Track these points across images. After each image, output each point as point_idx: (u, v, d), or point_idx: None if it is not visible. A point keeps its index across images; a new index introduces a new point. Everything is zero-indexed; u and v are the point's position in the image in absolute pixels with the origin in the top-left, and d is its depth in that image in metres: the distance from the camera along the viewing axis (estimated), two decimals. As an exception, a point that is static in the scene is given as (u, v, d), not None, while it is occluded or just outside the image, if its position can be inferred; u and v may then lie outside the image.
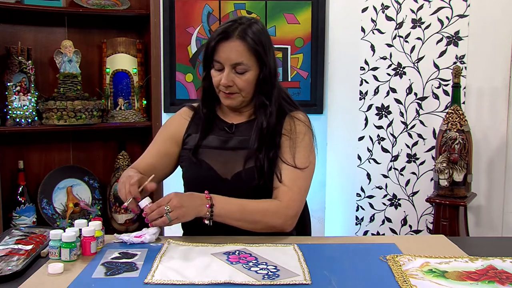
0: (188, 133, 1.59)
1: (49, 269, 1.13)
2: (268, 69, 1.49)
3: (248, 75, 1.47)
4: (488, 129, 2.46)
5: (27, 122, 2.35)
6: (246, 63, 1.45)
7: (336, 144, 2.69)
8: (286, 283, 1.07)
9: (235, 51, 1.45)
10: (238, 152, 1.50)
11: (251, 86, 1.49)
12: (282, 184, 1.45)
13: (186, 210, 1.31)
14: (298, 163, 1.47)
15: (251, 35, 1.45)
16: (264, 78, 1.49)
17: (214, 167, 1.50)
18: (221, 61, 1.46)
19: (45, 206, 2.45)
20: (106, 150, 2.69)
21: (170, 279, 1.09)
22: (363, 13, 2.59)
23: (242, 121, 1.57)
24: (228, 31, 1.45)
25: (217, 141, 1.54)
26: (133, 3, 2.62)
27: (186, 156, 1.55)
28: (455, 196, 2.24)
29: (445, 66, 2.49)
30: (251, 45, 1.45)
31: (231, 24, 1.47)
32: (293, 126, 1.52)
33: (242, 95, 1.50)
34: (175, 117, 1.65)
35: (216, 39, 1.46)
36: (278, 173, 1.47)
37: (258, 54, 1.46)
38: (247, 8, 2.72)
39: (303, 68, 2.75)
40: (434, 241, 1.41)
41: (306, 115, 1.58)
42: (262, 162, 1.46)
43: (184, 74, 2.76)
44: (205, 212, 1.34)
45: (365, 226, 2.68)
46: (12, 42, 2.38)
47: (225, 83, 1.46)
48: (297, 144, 1.50)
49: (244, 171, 1.47)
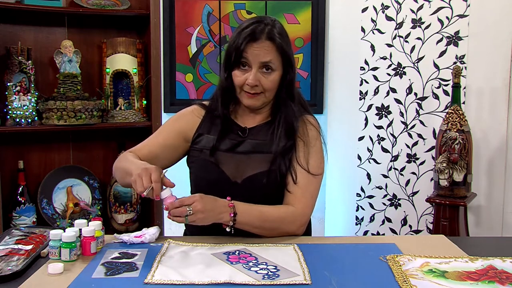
0: (199, 132, 1.57)
1: (49, 269, 1.13)
2: (293, 73, 1.51)
3: (274, 75, 1.48)
4: (488, 129, 2.46)
5: (27, 122, 2.35)
6: (274, 62, 1.47)
7: (336, 144, 2.70)
8: (286, 283, 1.07)
9: (264, 51, 1.45)
10: (250, 156, 1.50)
11: (275, 86, 1.50)
12: (297, 188, 1.46)
13: (207, 216, 1.30)
14: (311, 169, 1.48)
15: (279, 36, 1.47)
16: (290, 80, 1.51)
17: (226, 170, 1.49)
18: (249, 61, 1.46)
19: (45, 206, 2.45)
20: (106, 150, 2.69)
21: (170, 279, 1.09)
22: (363, 13, 2.59)
23: (255, 125, 1.56)
24: (256, 32, 1.46)
25: (229, 144, 1.53)
26: (133, 3, 2.62)
27: (197, 157, 1.54)
28: (455, 196, 2.24)
29: (445, 66, 2.49)
30: (279, 45, 1.47)
31: (257, 25, 1.47)
32: (306, 130, 1.53)
33: (265, 95, 1.50)
34: (186, 113, 1.62)
35: (245, 40, 1.45)
36: (294, 174, 1.47)
37: (286, 55, 1.48)
38: (247, 8, 2.72)
39: (303, 68, 2.75)
40: (434, 241, 1.41)
41: (316, 119, 1.60)
42: (283, 165, 1.46)
43: (184, 74, 2.76)
44: (228, 220, 1.33)
45: (365, 226, 2.68)
46: (12, 42, 2.38)
47: (252, 83, 1.46)
48: (311, 149, 1.51)
49: (257, 175, 1.47)
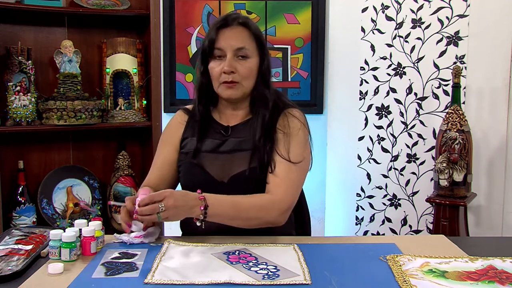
0: (185, 136, 1.58)
1: (49, 269, 1.13)
2: (268, 60, 1.51)
3: (250, 62, 1.47)
4: (488, 129, 2.46)
5: (27, 122, 2.35)
6: (249, 48, 1.47)
7: (336, 144, 2.69)
8: (286, 283, 1.07)
9: (238, 35, 1.46)
10: (234, 154, 1.49)
11: (252, 74, 1.49)
12: (275, 177, 1.44)
13: (179, 211, 1.29)
14: (292, 157, 1.46)
15: (252, 23, 1.50)
16: (263, 67, 1.50)
17: (210, 171, 1.49)
18: (223, 48, 1.46)
19: (45, 206, 2.45)
20: (106, 150, 2.69)
21: (170, 279, 1.09)
22: (363, 13, 2.59)
23: (237, 123, 1.56)
24: (228, 19, 1.47)
25: (212, 145, 1.52)
26: (133, 3, 2.62)
27: (183, 160, 1.54)
28: (455, 196, 2.24)
29: (445, 66, 2.49)
30: (253, 31, 1.48)
31: (230, 14, 1.50)
32: (287, 122, 1.51)
33: (243, 84, 1.48)
34: (171, 122, 1.64)
35: (216, 27, 1.47)
36: (272, 164, 1.45)
37: (260, 42, 1.49)
38: (247, 8, 2.72)
39: (303, 68, 2.75)
40: (434, 241, 1.41)
41: (301, 112, 1.57)
42: (263, 157, 1.45)
43: (184, 74, 2.76)
44: (198, 214, 1.30)
45: (365, 226, 2.68)
46: (12, 42, 2.38)
47: (227, 69, 1.45)
48: (292, 139, 1.49)
49: (242, 173, 1.46)
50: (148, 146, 2.63)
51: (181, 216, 1.32)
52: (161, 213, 1.26)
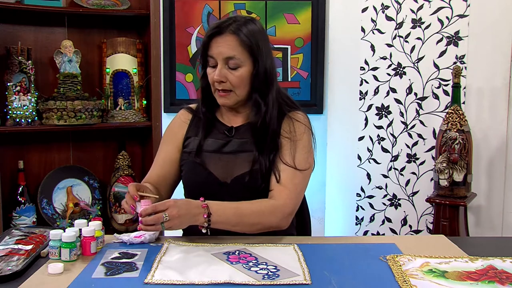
0: (188, 135, 1.58)
1: (49, 269, 1.13)
2: (262, 66, 1.47)
3: (241, 71, 1.46)
4: (488, 129, 2.46)
5: (27, 122, 2.35)
6: (239, 57, 1.45)
7: (336, 144, 2.70)
8: (286, 283, 1.07)
9: (227, 45, 1.44)
10: (237, 155, 1.49)
11: (244, 83, 1.47)
12: (279, 184, 1.44)
13: (182, 219, 1.28)
14: (298, 164, 1.46)
15: (245, 31, 1.45)
16: (257, 74, 1.47)
17: (213, 171, 1.49)
18: (214, 56, 1.46)
19: (45, 206, 2.45)
20: (106, 150, 2.69)
21: (170, 279, 1.09)
22: (363, 13, 2.59)
23: (241, 123, 1.56)
24: (221, 27, 1.46)
25: (216, 145, 1.52)
26: (133, 3, 2.62)
27: (186, 159, 1.54)
28: (455, 196, 2.24)
29: (445, 66, 2.49)
30: (243, 40, 1.44)
31: (226, 20, 1.47)
32: (292, 127, 1.51)
33: (236, 93, 1.48)
34: (174, 121, 1.64)
35: (209, 34, 1.47)
36: (277, 173, 1.45)
37: (251, 50, 1.45)
38: (247, 8, 2.72)
39: (303, 68, 2.75)
40: (434, 241, 1.41)
41: (305, 115, 1.57)
42: (264, 165, 1.45)
43: (184, 74, 2.76)
44: (202, 222, 1.31)
45: (365, 226, 2.68)
46: (12, 42, 2.38)
47: (217, 79, 1.45)
48: (297, 144, 1.49)
49: (244, 175, 1.46)
50: (148, 146, 2.63)
51: (185, 224, 1.31)
52: (165, 223, 1.25)
